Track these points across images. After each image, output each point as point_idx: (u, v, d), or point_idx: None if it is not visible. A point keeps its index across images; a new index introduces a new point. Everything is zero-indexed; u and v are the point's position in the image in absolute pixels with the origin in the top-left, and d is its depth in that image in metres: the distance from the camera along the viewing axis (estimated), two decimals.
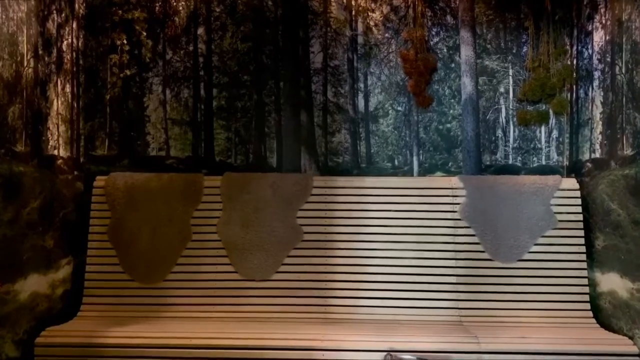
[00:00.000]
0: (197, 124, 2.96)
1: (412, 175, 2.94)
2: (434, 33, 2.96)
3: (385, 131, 2.98)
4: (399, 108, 2.98)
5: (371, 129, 2.97)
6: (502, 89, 2.98)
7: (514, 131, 2.99)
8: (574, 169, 2.82)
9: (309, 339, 2.20)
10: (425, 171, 2.95)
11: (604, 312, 2.48)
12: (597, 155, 2.59)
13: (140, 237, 2.65)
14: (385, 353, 2.08)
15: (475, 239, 2.64)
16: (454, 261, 2.62)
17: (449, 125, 2.98)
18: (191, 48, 2.96)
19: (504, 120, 2.99)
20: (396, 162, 2.97)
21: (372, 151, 2.97)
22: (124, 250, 2.65)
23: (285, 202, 2.69)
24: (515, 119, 2.97)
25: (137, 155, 2.95)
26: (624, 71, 2.35)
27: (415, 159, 2.96)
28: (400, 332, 2.27)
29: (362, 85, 2.98)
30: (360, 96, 2.97)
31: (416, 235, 2.66)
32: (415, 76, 2.91)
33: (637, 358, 2.12)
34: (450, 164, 2.97)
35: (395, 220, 2.67)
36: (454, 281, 2.60)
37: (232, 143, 2.96)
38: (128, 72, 2.92)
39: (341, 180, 2.76)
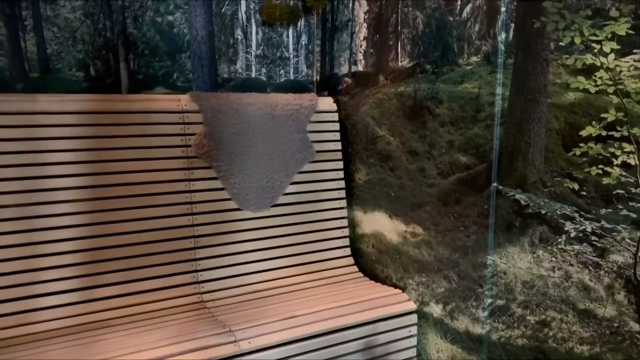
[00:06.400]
0: None
1: (119, 92, 1.94)
2: None
3: (69, 19, 1.84)
4: None
5: (44, 14, 1.80)
6: None
7: (257, 33, 2.26)
8: (328, 85, 2.29)
9: None
10: (139, 85, 1.99)
11: (366, 257, 2.10)
12: (360, 67, 2.08)
13: None
14: None
15: (217, 184, 1.90)
16: (189, 218, 1.84)
17: (170, 18, 2.04)
18: None
19: (244, 16, 2.21)
20: (92, 71, 1.91)
21: (49, 51, 1.82)
22: None
23: None
24: (258, 16, 2.23)
25: None
26: None
27: (123, 66, 1.96)
28: (106, 347, 1.40)
29: None
30: None
31: (131, 185, 1.75)
32: None
33: (415, 315, 1.79)
34: (175, 75, 2.08)
35: (93, 166, 1.70)
36: (191, 245, 1.83)
37: None
38: None
39: None
